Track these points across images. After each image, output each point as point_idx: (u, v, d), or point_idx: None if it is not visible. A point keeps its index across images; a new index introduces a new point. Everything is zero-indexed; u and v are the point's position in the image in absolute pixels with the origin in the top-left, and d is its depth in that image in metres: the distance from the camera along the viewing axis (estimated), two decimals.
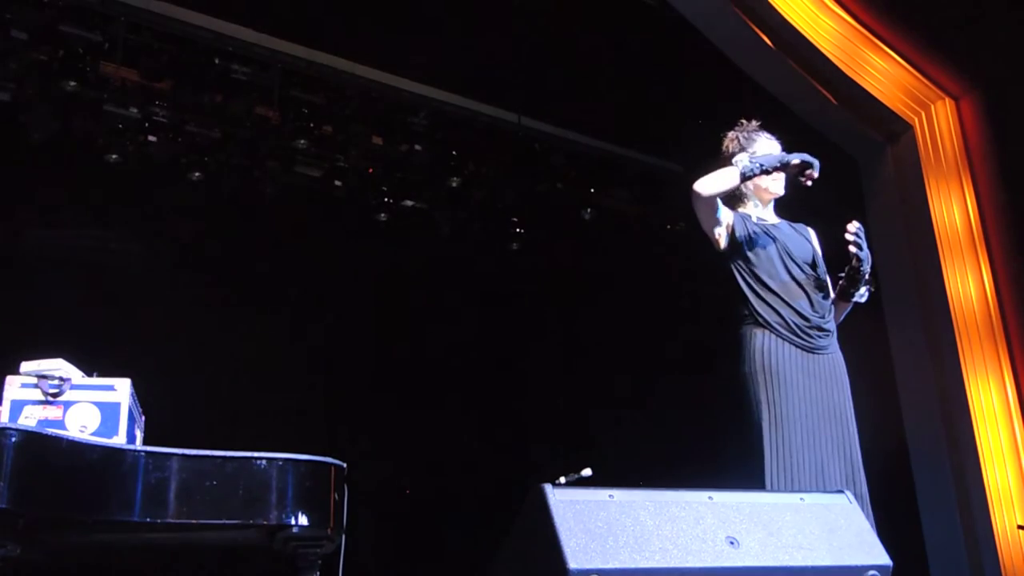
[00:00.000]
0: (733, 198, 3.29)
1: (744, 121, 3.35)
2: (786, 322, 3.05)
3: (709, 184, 3.04)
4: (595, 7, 5.87)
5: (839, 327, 3.21)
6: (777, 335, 3.04)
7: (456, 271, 7.10)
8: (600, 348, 7.34)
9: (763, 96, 5.56)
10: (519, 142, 7.10)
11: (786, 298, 3.09)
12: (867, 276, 3.15)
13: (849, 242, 3.06)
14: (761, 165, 3.05)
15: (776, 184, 3.26)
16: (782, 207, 3.38)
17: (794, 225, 3.31)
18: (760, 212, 3.28)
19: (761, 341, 3.05)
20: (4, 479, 2.27)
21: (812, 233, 3.36)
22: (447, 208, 7.07)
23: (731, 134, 3.32)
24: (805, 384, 3.02)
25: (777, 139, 3.31)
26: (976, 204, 5.41)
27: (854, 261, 3.11)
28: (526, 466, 6.60)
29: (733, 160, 3.11)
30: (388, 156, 6.77)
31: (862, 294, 3.19)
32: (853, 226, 3.07)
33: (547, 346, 7.40)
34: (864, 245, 3.08)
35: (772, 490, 2.86)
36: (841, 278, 3.20)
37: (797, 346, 3.05)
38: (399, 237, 6.96)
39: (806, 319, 3.08)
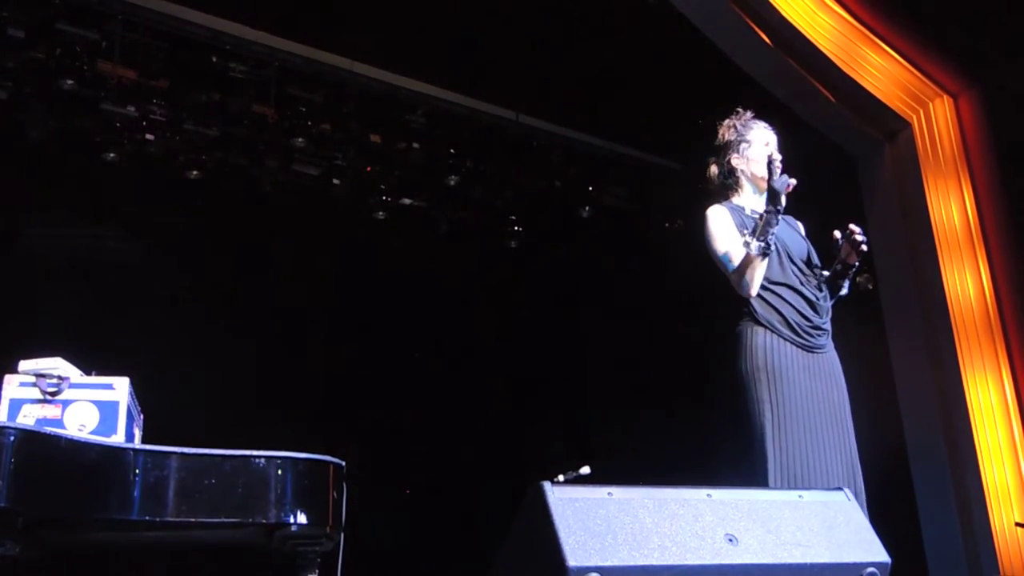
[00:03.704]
0: (726, 188, 3.28)
1: (740, 110, 3.32)
2: (786, 320, 3.04)
3: (752, 282, 3.00)
4: (594, 6, 5.86)
5: (835, 325, 3.20)
6: (777, 333, 3.02)
7: (454, 269, 7.10)
8: (598, 346, 7.34)
9: (761, 94, 5.55)
10: (517, 140, 7.09)
11: (785, 296, 3.06)
12: (853, 273, 3.16)
13: (859, 242, 3.04)
14: (771, 233, 2.95)
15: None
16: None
17: (785, 218, 3.25)
18: (755, 203, 3.22)
19: (762, 339, 3.02)
20: (3, 478, 2.27)
21: (801, 227, 3.34)
22: (445, 206, 7.07)
23: (726, 122, 3.31)
24: (806, 383, 3.00)
25: (773, 129, 3.29)
26: (974, 201, 5.41)
27: (849, 259, 3.11)
28: (526, 465, 6.59)
29: (745, 247, 2.99)
30: (386, 154, 6.76)
31: (845, 287, 3.19)
32: (856, 228, 3.06)
33: (545, 343, 7.40)
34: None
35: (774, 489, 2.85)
36: (827, 275, 3.18)
37: (796, 345, 3.03)
38: (397, 235, 6.95)
39: (806, 318, 3.06)
